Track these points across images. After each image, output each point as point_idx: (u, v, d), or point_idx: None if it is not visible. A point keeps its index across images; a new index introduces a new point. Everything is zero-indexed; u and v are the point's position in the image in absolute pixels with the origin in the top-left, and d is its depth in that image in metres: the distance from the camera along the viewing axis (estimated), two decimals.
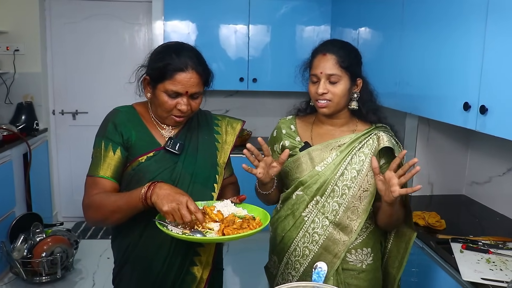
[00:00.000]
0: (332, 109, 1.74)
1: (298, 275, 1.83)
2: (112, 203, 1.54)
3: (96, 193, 1.59)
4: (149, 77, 1.63)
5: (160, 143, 1.68)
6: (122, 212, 1.54)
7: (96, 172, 1.61)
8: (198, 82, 1.61)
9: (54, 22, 4.65)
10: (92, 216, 1.61)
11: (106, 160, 1.62)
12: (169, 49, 1.62)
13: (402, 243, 1.83)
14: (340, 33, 4.11)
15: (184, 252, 1.69)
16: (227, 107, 4.90)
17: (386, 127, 1.82)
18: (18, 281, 3.57)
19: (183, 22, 4.44)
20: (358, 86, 1.78)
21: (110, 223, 1.62)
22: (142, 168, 1.63)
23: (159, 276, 1.68)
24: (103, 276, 3.73)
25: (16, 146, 3.83)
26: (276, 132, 1.93)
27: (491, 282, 1.72)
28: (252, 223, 1.52)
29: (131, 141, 1.65)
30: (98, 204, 1.56)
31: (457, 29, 2.11)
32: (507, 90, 1.77)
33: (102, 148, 1.63)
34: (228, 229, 1.47)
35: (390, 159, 1.75)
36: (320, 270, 1.21)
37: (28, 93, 4.41)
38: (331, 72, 1.70)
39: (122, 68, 4.66)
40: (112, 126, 1.65)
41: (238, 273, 3.92)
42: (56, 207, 4.89)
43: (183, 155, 1.69)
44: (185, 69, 1.58)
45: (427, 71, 2.41)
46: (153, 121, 1.72)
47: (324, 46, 1.77)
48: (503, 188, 2.54)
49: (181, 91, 1.58)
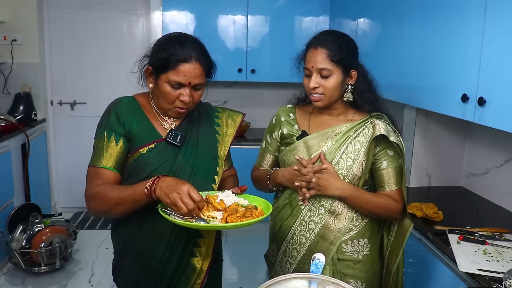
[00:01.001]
0: (325, 102, 1.76)
1: (295, 262, 1.85)
2: (117, 196, 1.54)
3: (99, 184, 1.59)
4: (151, 68, 1.63)
5: (162, 135, 1.68)
6: (126, 204, 1.54)
7: (99, 163, 1.61)
8: (201, 74, 1.61)
9: (52, 12, 4.62)
10: (95, 207, 1.60)
11: (109, 151, 1.61)
12: (172, 40, 1.62)
13: (400, 236, 1.83)
14: (339, 24, 4.09)
15: (184, 243, 1.69)
16: (225, 98, 4.89)
17: (382, 115, 1.82)
18: (17, 271, 3.59)
19: (182, 12, 4.41)
20: (352, 78, 1.78)
21: (113, 214, 1.63)
22: (144, 160, 1.63)
23: (159, 267, 1.68)
24: (101, 266, 3.75)
25: (14, 137, 3.83)
26: (275, 119, 1.95)
27: (487, 273, 1.73)
28: (255, 212, 1.54)
29: (133, 132, 1.65)
30: (103, 196, 1.56)
31: (456, 20, 2.10)
32: (505, 82, 1.77)
33: (105, 138, 1.62)
34: (232, 217, 1.49)
35: (386, 146, 1.77)
36: (318, 262, 1.22)
37: (26, 84, 4.39)
38: (321, 66, 1.71)
39: (121, 59, 4.67)
40: (115, 116, 1.64)
41: (236, 264, 3.94)
42: (54, 198, 4.89)
43: (184, 147, 1.69)
44: (189, 60, 1.57)
45: (425, 62, 2.40)
46: (154, 113, 1.71)
47: (316, 39, 1.77)
48: (501, 180, 2.55)
49: (184, 82, 1.58)
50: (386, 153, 1.78)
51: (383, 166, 1.78)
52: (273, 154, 1.97)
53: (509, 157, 2.49)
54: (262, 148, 2.01)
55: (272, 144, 1.95)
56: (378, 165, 1.79)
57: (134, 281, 1.74)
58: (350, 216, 1.78)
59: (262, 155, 2.01)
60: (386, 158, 1.78)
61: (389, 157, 1.78)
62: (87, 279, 3.57)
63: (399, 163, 1.78)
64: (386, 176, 1.78)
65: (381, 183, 1.80)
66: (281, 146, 1.92)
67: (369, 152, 1.76)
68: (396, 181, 1.78)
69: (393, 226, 1.87)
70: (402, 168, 1.78)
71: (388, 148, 1.78)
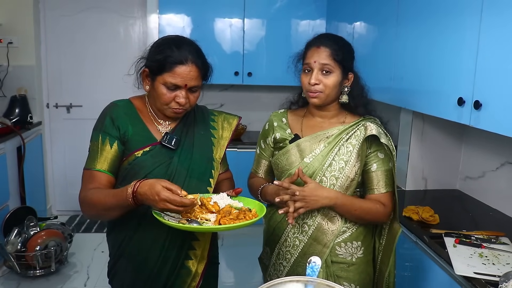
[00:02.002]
0: (322, 99, 1.77)
1: (289, 265, 1.85)
2: (105, 202, 1.54)
3: (92, 188, 1.59)
4: (148, 69, 1.64)
5: (157, 138, 1.69)
6: (115, 210, 1.55)
7: (93, 165, 1.62)
8: (197, 76, 1.62)
9: (48, 14, 4.62)
10: (86, 212, 1.63)
11: (103, 154, 1.62)
12: (169, 42, 1.63)
13: (391, 239, 1.84)
14: (336, 28, 4.10)
15: (179, 246, 1.69)
16: (222, 101, 4.89)
17: (374, 118, 1.84)
18: (12, 275, 3.56)
19: (178, 15, 4.41)
20: (349, 80, 1.80)
21: (105, 219, 1.65)
22: (138, 163, 1.63)
23: (154, 270, 1.68)
24: (97, 269, 3.73)
25: (10, 140, 3.81)
26: (268, 125, 1.96)
27: (483, 277, 1.73)
28: (249, 214, 1.54)
29: (127, 135, 1.65)
30: (93, 201, 1.57)
31: (452, 24, 2.11)
32: (501, 85, 1.78)
33: (100, 142, 1.63)
34: (225, 219, 1.49)
35: (377, 149, 1.78)
36: (314, 265, 1.22)
37: (22, 86, 4.37)
38: (325, 61, 1.72)
39: (117, 62, 4.66)
40: (110, 120, 1.65)
41: (232, 267, 3.93)
42: (50, 201, 4.87)
43: (179, 150, 1.69)
44: (185, 62, 1.58)
45: (421, 66, 2.41)
46: (150, 116, 1.72)
47: (318, 39, 1.79)
48: (497, 183, 2.55)
49: (180, 84, 1.59)
50: (377, 156, 1.79)
51: (373, 169, 1.79)
52: (267, 159, 1.97)
53: (505, 161, 2.49)
54: (257, 154, 2.01)
55: (266, 150, 1.96)
56: (368, 167, 1.79)
57: (129, 284, 1.74)
58: (343, 218, 1.79)
59: (257, 161, 2.02)
60: (376, 161, 1.79)
61: (379, 159, 1.79)
62: (82, 282, 3.55)
63: (389, 166, 1.79)
64: (376, 179, 1.79)
65: (370, 186, 1.80)
66: (274, 150, 1.92)
67: (361, 154, 1.77)
68: (385, 184, 1.79)
69: (384, 231, 1.88)
70: (392, 171, 1.78)
71: (378, 150, 1.79)
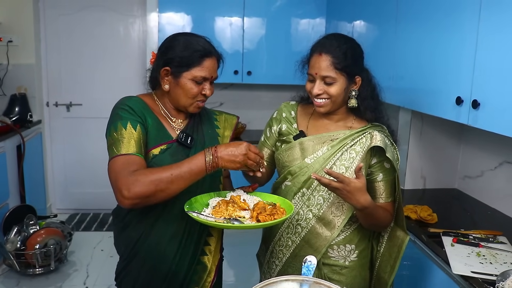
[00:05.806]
0: (328, 107, 1.73)
1: (281, 264, 1.85)
2: (173, 172, 1.45)
3: (138, 169, 1.47)
4: (170, 68, 1.63)
5: (172, 136, 1.68)
6: (182, 181, 1.46)
7: (125, 151, 1.51)
8: (217, 67, 1.70)
9: (48, 13, 4.62)
10: (140, 191, 1.42)
11: (130, 137, 1.53)
12: (189, 38, 1.67)
13: (394, 247, 1.81)
14: (335, 26, 4.10)
15: (196, 242, 1.71)
16: (221, 100, 4.89)
17: (382, 126, 1.79)
18: (12, 273, 3.58)
19: (178, 14, 4.41)
20: (357, 84, 1.74)
21: (161, 197, 1.47)
22: (157, 162, 1.59)
23: (172, 267, 1.67)
24: (96, 268, 3.74)
25: (10, 138, 3.82)
26: (277, 113, 1.93)
27: (481, 276, 1.73)
28: (279, 209, 1.57)
29: (148, 125, 1.62)
30: (151, 176, 1.44)
31: (451, 23, 2.11)
32: (499, 84, 1.78)
33: (121, 128, 1.54)
34: (262, 215, 1.51)
35: (382, 159, 1.74)
36: (309, 264, 1.22)
37: (21, 85, 4.38)
38: (325, 74, 1.67)
39: (117, 60, 4.67)
40: (128, 108, 1.59)
41: (233, 264, 3.93)
42: (50, 199, 4.88)
43: (193, 148, 1.70)
44: (210, 55, 1.65)
45: (420, 65, 2.41)
46: (162, 114, 1.70)
47: (321, 44, 1.72)
48: (495, 182, 2.56)
49: (208, 75, 1.64)
50: (383, 166, 1.75)
51: (379, 179, 1.75)
52: (270, 148, 1.93)
53: (503, 160, 2.50)
54: (261, 142, 1.97)
55: (271, 138, 1.92)
56: (374, 177, 1.76)
57: (143, 284, 1.70)
58: (339, 226, 1.75)
59: (260, 149, 1.95)
60: (383, 171, 1.75)
61: (385, 170, 1.75)
62: (82, 280, 3.57)
63: (393, 175, 1.75)
64: (381, 188, 1.76)
65: (375, 195, 1.76)
66: (277, 142, 1.89)
67: (364, 163, 1.72)
68: (390, 193, 1.77)
69: (382, 238, 1.85)
70: (395, 180, 1.74)
71: (385, 160, 1.74)
